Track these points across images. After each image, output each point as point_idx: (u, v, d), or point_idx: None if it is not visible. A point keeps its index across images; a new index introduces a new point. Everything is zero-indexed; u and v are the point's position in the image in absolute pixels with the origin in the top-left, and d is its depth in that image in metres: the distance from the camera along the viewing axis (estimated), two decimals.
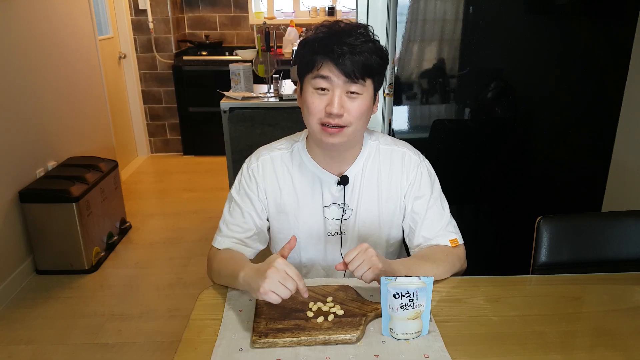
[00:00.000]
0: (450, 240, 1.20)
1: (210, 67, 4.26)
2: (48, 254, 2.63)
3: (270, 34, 2.81)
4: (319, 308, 1.01)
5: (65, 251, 2.62)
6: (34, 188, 2.57)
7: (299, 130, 1.26)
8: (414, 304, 0.93)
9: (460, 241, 1.22)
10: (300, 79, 1.13)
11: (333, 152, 1.16)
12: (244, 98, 2.74)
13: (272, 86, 2.87)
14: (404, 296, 0.92)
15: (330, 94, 1.07)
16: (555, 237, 1.29)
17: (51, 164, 2.84)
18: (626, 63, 1.87)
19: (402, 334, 0.95)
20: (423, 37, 1.84)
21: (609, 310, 1.06)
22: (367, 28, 1.09)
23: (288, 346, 0.93)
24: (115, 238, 3.00)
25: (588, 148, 2.02)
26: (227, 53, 4.43)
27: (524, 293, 1.14)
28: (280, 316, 0.99)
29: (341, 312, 1.00)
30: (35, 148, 2.71)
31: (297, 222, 1.21)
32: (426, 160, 1.25)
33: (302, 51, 1.09)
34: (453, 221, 1.24)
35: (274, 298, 0.93)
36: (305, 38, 1.11)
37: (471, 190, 2.09)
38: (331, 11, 4.64)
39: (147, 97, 4.56)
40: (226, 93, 2.82)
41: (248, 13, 4.66)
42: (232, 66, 2.89)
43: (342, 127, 1.08)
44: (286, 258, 0.99)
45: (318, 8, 4.66)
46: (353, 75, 1.04)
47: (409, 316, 0.94)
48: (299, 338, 0.93)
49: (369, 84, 1.08)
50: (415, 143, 1.28)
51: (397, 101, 1.92)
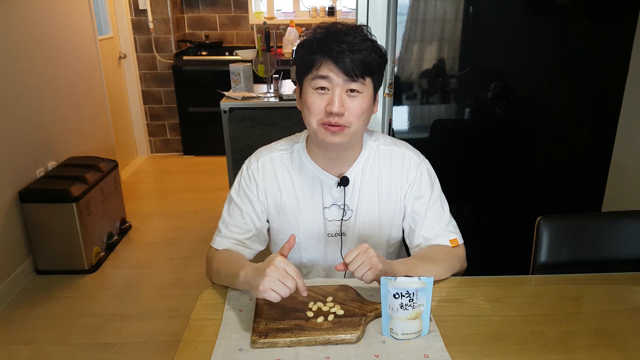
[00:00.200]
0: (450, 240, 1.20)
1: (210, 67, 4.26)
2: (48, 254, 2.63)
3: (270, 34, 2.82)
4: (319, 308, 1.01)
5: (65, 251, 2.62)
6: (34, 188, 2.57)
7: (299, 130, 1.26)
8: (414, 304, 0.93)
9: (460, 241, 1.22)
10: (299, 81, 1.13)
11: (333, 153, 1.16)
12: (244, 98, 2.74)
13: (272, 86, 2.87)
14: (404, 296, 0.93)
15: (330, 94, 1.06)
16: (555, 237, 1.29)
17: (51, 164, 2.84)
18: (626, 63, 1.87)
19: (402, 334, 0.95)
20: (423, 37, 1.84)
21: (609, 310, 1.06)
22: (365, 28, 1.09)
23: (288, 346, 0.93)
24: (115, 238, 3.00)
25: (588, 148, 2.02)
26: (227, 53, 4.43)
27: (524, 293, 1.14)
28: (280, 316, 0.99)
29: (341, 312, 1.00)
30: (35, 148, 2.71)
31: (297, 223, 1.21)
32: (426, 160, 1.25)
33: (301, 52, 1.09)
34: (453, 221, 1.24)
35: (274, 296, 0.93)
36: (303, 40, 1.11)
37: (471, 190, 2.09)
38: (331, 11, 4.64)
39: (147, 97, 4.56)
40: (226, 93, 2.82)
41: (248, 13, 4.66)
42: (232, 66, 2.89)
43: (343, 127, 1.08)
44: (286, 257, 0.99)
45: (318, 8, 4.66)
46: (353, 73, 1.04)
47: (409, 316, 0.94)
48: (299, 338, 0.93)
49: (369, 83, 1.08)
50: (415, 143, 1.28)
51: (397, 101, 1.92)
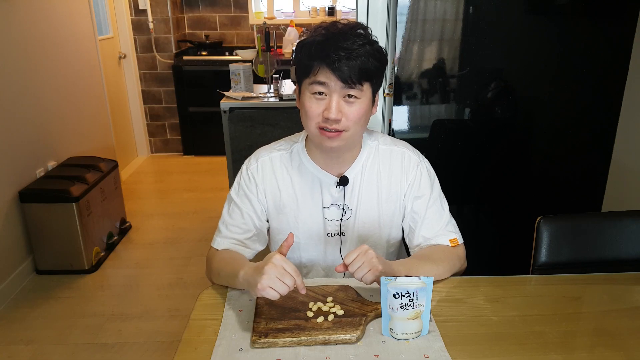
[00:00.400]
0: (450, 239, 1.20)
1: (210, 67, 4.26)
2: (48, 254, 2.63)
3: (270, 34, 2.82)
4: (319, 308, 1.01)
5: (65, 251, 2.62)
6: (34, 188, 2.57)
7: (299, 130, 1.26)
8: (414, 304, 0.93)
9: (460, 241, 1.22)
10: (298, 82, 1.13)
11: (332, 154, 1.16)
12: (244, 98, 2.74)
13: (272, 86, 2.87)
14: (404, 296, 0.93)
15: (327, 99, 1.06)
16: (555, 237, 1.29)
17: (51, 164, 2.84)
18: (626, 63, 1.87)
19: (402, 334, 0.95)
20: (423, 37, 1.84)
21: (609, 310, 1.06)
22: (366, 29, 1.08)
23: (288, 346, 0.93)
24: (115, 238, 3.00)
25: (588, 148, 2.02)
26: (227, 53, 4.43)
27: (524, 293, 1.14)
28: (280, 316, 0.99)
29: (341, 312, 1.00)
30: (35, 148, 2.71)
31: (297, 223, 1.21)
32: (426, 160, 1.25)
33: (300, 55, 1.09)
34: (453, 221, 1.24)
35: (272, 294, 0.93)
36: (302, 40, 1.10)
37: (471, 190, 2.09)
38: (331, 11, 4.63)
39: (147, 97, 4.56)
40: (226, 93, 2.82)
41: (248, 13, 4.66)
42: (232, 66, 2.89)
43: (340, 132, 1.08)
44: (285, 255, 0.99)
45: (318, 8, 4.66)
46: (350, 80, 1.03)
47: (409, 316, 0.94)
48: (299, 338, 0.93)
49: (367, 88, 1.08)
50: (415, 143, 1.28)
51: (397, 101, 1.92)
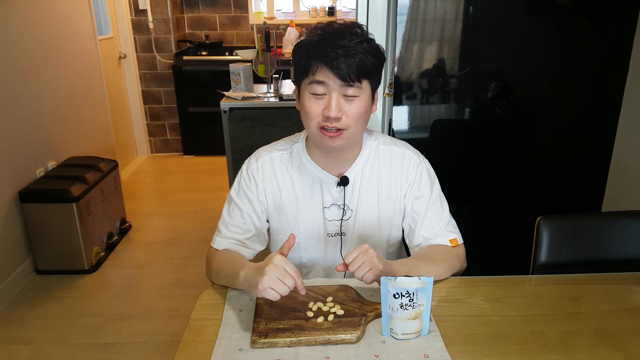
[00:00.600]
0: (450, 240, 1.20)
1: (210, 67, 4.26)
2: (48, 254, 2.63)
3: (270, 34, 2.82)
4: (319, 308, 1.01)
5: (65, 251, 2.62)
6: (34, 188, 2.57)
7: (299, 130, 1.26)
8: (414, 304, 0.93)
9: (460, 241, 1.22)
10: (297, 83, 1.13)
11: (333, 154, 1.16)
12: (244, 98, 2.74)
13: (272, 86, 2.87)
14: (404, 296, 0.93)
15: (327, 98, 1.06)
16: (555, 237, 1.29)
17: (51, 164, 2.84)
18: (626, 63, 1.87)
19: (402, 334, 0.95)
20: (423, 37, 1.84)
21: (609, 310, 1.06)
22: (362, 27, 1.08)
23: (288, 346, 0.93)
24: (115, 238, 3.00)
25: (588, 148, 2.02)
26: (227, 53, 4.43)
27: (524, 293, 1.14)
28: (280, 316, 0.99)
29: (341, 312, 1.00)
30: (35, 148, 2.71)
31: (297, 223, 1.21)
32: (426, 160, 1.25)
33: (297, 55, 1.09)
34: (453, 221, 1.24)
35: (273, 295, 0.93)
36: (299, 42, 1.10)
37: (471, 190, 2.09)
38: (331, 11, 4.63)
39: (147, 97, 4.56)
40: (226, 93, 2.82)
41: (248, 13, 4.66)
42: (232, 66, 2.89)
43: (341, 130, 1.08)
44: (286, 256, 0.99)
45: (318, 8, 4.66)
46: (348, 78, 1.04)
47: (409, 316, 0.94)
48: (299, 338, 0.93)
49: (366, 85, 1.08)
50: (415, 143, 1.28)
51: (397, 101, 1.92)
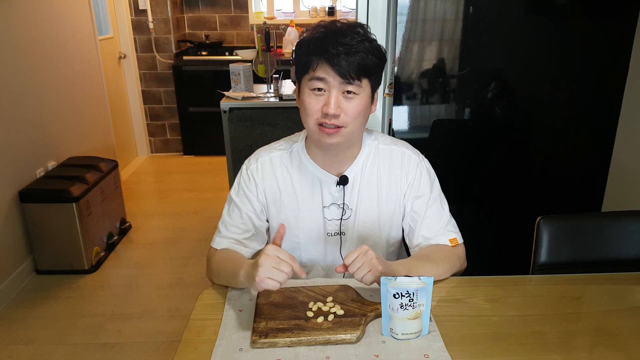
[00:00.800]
0: (449, 239, 1.20)
1: (210, 67, 4.26)
2: (48, 254, 2.63)
3: (270, 34, 2.81)
4: (319, 308, 1.01)
5: (65, 251, 2.62)
6: (34, 188, 2.57)
7: (299, 130, 1.26)
8: (414, 304, 0.93)
9: (459, 240, 1.22)
10: (297, 80, 1.13)
11: (332, 152, 1.16)
12: (244, 98, 2.74)
13: (272, 86, 2.87)
14: (404, 296, 0.92)
15: (326, 95, 1.07)
16: (555, 237, 1.29)
17: (51, 164, 2.84)
18: (626, 63, 1.87)
19: (402, 334, 0.95)
20: (423, 37, 1.84)
21: (609, 310, 1.06)
22: (364, 27, 1.09)
23: (288, 346, 0.93)
24: (115, 238, 3.00)
25: (588, 148, 2.02)
26: (227, 53, 4.43)
27: (524, 293, 1.14)
28: (280, 316, 0.99)
29: (341, 312, 1.00)
30: (35, 148, 2.71)
31: (297, 223, 1.21)
32: (425, 159, 1.25)
33: (299, 52, 1.10)
34: (452, 220, 1.24)
35: (272, 284, 0.93)
36: (301, 39, 1.11)
37: (471, 190, 2.09)
38: (331, 11, 4.64)
39: (147, 97, 4.56)
40: (226, 93, 2.82)
41: (248, 13, 4.66)
42: (232, 66, 2.89)
43: (339, 128, 1.08)
44: (280, 246, 1.00)
45: (318, 8, 4.66)
46: (348, 75, 1.04)
47: (409, 316, 0.93)
48: (299, 338, 0.93)
49: (366, 84, 1.08)
50: (415, 143, 1.28)
51: (397, 101, 1.92)
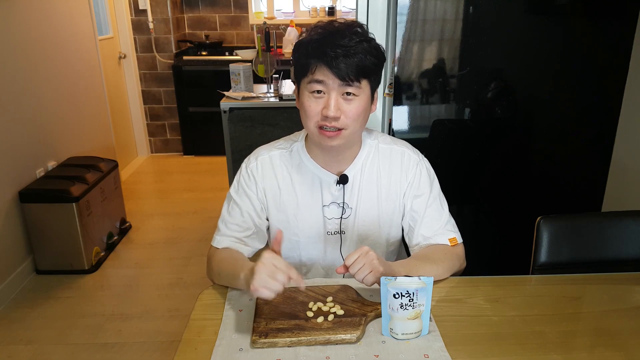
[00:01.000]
0: (449, 239, 1.20)
1: (210, 67, 4.26)
2: (48, 254, 2.63)
3: (270, 34, 2.81)
4: (319, 308, 1.01)
5: (65, 251, 2.62)
6: (34, 188, 2.57)
7: (299, 130, 1.26)
8: (414, 304, 0.93)
9: (459, 240, 1.22)
10: (296, 82, 1.13)
11: (332, 152, 1.16)
12: (244, 98, 2.74)
13: (272, 86, 2.87)
14: (404, 296, 0.93)
15: (326, 97, 1.07)
16: (555, 237, 1.29)
17: (51, 164, 2.84)
18: (626, 63, 1.87)
19: (402, 334, 0.95)
20: (423, 37, 1.84)
21: (609, 310, 1.06)
22: (363, 26, 1.08)
23: (288, 346, 0.93)
24: (115, 238, 3.00)
25: (588, 148, 2.02)
26: (227, 53, 4.43)
27: (524, 293, 1.14)
28: (280, 316, 0.99)
29: (341, 312, 1.00)
30: (35, 148, 2.71)
31: (297, 222, 1.22)
32: (425, 159, 1.25)
33: (297, 54, 1.10)
34: (452, 220, 1.24)
35: (266, 294, 0.92)
36: (299, 40, 1.10)
37: (471, 190, 2.09)
38: (331, 11, 4.63)
39: (147, 97, 4.56)
40: (226, 93, 2.82)
41: (248, 13, 4.66)
42: (232, 66, 2.89)
43: (340, 130, 1.08)
44: (278, 252, 0.99)
45: (318, 8, 4.66)
46: (347, 77, 1.04)
47: (409, 316, 0.94)
48: (299, 338, 0.93)
49: (365, 85, 1.08)
50: (415, 143, 1.28)
51: (397, 101, 1.92)
